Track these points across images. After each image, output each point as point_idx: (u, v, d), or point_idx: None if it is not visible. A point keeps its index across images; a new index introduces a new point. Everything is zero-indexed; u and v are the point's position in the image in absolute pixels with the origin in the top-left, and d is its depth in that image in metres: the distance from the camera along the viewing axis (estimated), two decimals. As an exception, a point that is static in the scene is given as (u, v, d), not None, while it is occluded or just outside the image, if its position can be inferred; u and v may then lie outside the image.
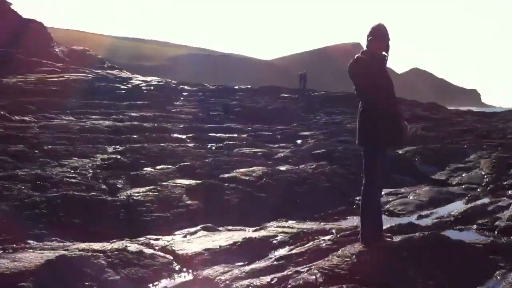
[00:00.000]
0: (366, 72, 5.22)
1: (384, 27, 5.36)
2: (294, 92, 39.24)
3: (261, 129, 17.94)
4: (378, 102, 5.18)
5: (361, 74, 5.27)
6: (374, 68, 5.24)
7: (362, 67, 5.26)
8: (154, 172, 9.24)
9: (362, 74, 5.27)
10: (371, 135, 5.24)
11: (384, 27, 5.36)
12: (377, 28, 5.33)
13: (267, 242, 6.19)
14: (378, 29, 5.33)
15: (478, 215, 8.18)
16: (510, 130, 21.31)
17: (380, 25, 5.36)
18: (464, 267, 5.17)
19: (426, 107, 33.98)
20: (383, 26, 5.36)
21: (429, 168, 12.86)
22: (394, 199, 9.53)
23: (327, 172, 10.72)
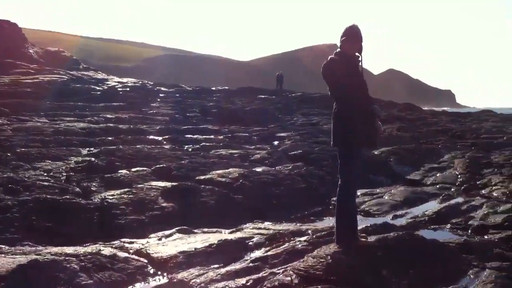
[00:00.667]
0: (339, 72, 5.25)
1: (358, 28, 5.39)
2: (271, 93, 39.30)
3: (237, 130, 17.90)
4: (352, 103, 5.21)
5: (334, 74, 5.30)
6: (347, 69, 5.27)
7: (335, 68, 5.29)
8: (129, 175, 9.15)
9: (335, 75, 5.29)
10: (345, 136, 5.27)
11: (358, 28, 5.39)
12: (350, 29, 5.36)
13: (243, 243, 6.18)
14: (352, 30, 5.36)
15: (452, 214, 8.29)
16: (484, 130, 21.64)
17: (354, 26, 5.38)
18: (438, 266, 5.21)
19: (402, 108, 34.32)
20: (357, 27, 5.38)
21: (404, 168, 12.99)
22: (370, 200, 9.59)
23: (303, 173, 10.74)
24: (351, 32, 5.35)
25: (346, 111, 5.25)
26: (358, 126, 5.18)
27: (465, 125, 24.61)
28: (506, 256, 6.03)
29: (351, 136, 5.22)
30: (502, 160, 13.00)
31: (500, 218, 7.64)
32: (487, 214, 8.07)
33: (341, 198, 5.43)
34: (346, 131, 5.25)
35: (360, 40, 5.38)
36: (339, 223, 5.40)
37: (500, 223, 7.47)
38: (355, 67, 5.36)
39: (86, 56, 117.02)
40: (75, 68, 38.34)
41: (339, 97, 5.33)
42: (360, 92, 5.30)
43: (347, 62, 5.29)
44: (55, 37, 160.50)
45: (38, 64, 34.72)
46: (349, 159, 5.35)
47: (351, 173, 5.37)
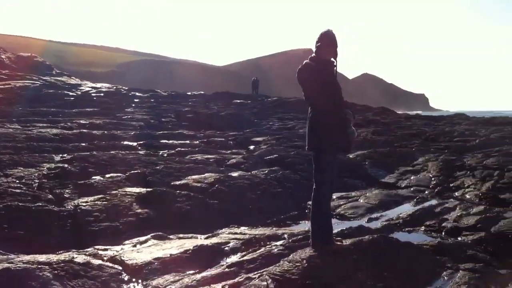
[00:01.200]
0: (314, 77, 5.26)
1: (333, 34, 5.41)
2: (247, 98, 39.37)
3: (213, 135, 17.86)
4: (326, 107, 5.23)
5: (309, 79, 5.31)
6: (322, 73, 5.29)
7: (310, 72, 5.30)
8: (103, 181, 9.04)
9: (310, 80, 5.31)
10: (320, 140, 5.28)
11: (333, 33, 5.42)
12: (325, 35, 5.38)
13: (219, 249, 6.15)
14: (327, 36, 5.39)
15: (426, 216, 8.39)
16: (457, 133, 21.96)
17: (329, 31, 5.41)
18: (412, 268, 5.25)
19: (377, 112, 34.67)
20: (332, 33, 5.41)
21: (379, 172, 13.09)
22: (345, 203, 9.64)
23: (279, 178, 10.75)
24: (326, 37, 5.38)
25: (320, 116, 5.27)
26: (332, 132, 5.21)
27: (438, 129, 24.93)
28: (479, 257, 6.12)
29: (325, 141, 5.25)
30: (475, 163, 13.19)
31: (473, 220, 7.75)
32: (460, 216, 8.18)
33: (316, 202, 5.44)
34: (320, 136, 5.27)
35: (335, 45, 5.40)
36: (314, 227, 5.41)
37: (473, 224, 7.58)
38: (330, 72, 5.39)
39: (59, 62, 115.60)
40: (48, 73, 37.83)
41: (314, 101, 5.35)
42: (335, 97, 5.33)
43: (322, 67, 5.32)
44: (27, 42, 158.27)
45: (10, 70, 34.15)
46: (323, 163, 5.37)
47: (325, 177, 5.39)
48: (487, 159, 13.40)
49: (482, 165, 12.82)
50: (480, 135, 21.62)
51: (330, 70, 5.40)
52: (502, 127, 29.20)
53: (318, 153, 5.40)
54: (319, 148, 5.36)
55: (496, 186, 10.81)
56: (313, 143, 5.38)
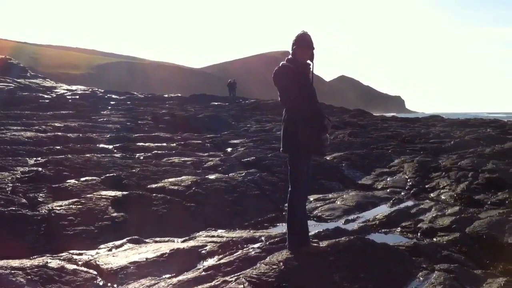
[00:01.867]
0: (291, 79, 5.26)
1: (309, 36, 5.42)
2: (224, 100, 39.36)
3: (190, 137, 17.76)
4: (301, 110, 5.23)
5: (285, 81, 5.31)
6: (299, 76, 5.30)
7: (286, 74, 5.30)
8: (78, 184, 8.90)
9: (286, 82, 5.30)
10: (294, 142, 5.28)
11: (309, 35, 5.43)
12: (302, 37, 5.39)
13: (196, 252, 6.11)
14: (303, 38, 5.39)
15: (402, 218, 8.47)
16: (432, 135, 22.23)
17: (305, 33, 5.42)
18: (388, 269, 5.28)
19: (353, 114, 34.96)
20: (308, 35, 5.42)
21: (356, 173, 13.18)
22: (322, 205, 9.67)
23: (256, 180, 10.74)
24: (303, 39, 5.39)
25: (295, 118, 5.27)
26: (306, 133, 5.21)
27: (414, 130, 25.19)
28: (454, 258, 6.19)
29: (300, 144, 5.26)
30: (450, 164, 13.35)
31: (448, 221, 7.85)
32: (436, 217, 8.28)
33: (292, 204, 5.44)
34: (295, 138, 5.28)
35: (311, 47, 5.41)
36: (291, 229, 5.41)
37: (448, 225, 7.68)
38: (306, 75, 5.39)
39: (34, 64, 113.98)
40: (22, 76, 37.31)
41: (289, 104, 5.35)
42: (309, 100, 5.33)
43: (299, 69, 5.32)
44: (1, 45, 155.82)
45: (-17, 72, 33.61)
46: (298, 166, 5.37)
47: (300, 179, 5.39)
48: (462, 161, 13.58)
49: (457, 167, 12.99)
50: (455, 136, 21.92)
51: (307, 73, 5.41)
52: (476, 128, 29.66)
53: (293, 156, 5.41)
54: (293, 150, 5.37)
55: (471, 187, 10.96)
56: (288, 145, 5.38)
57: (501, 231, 7.38)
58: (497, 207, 9.36)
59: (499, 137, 22.14)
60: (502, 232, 7.34)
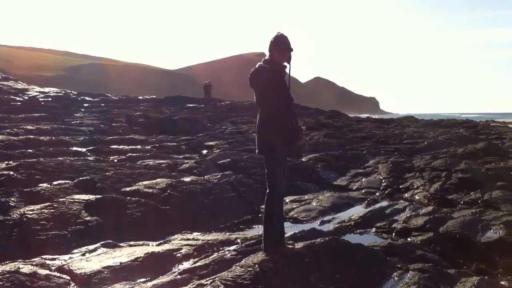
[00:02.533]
0: (267, 81, 5.25)
1: (287, 38, 5.42)
2: (199, 102, 39.21)
3: (165, 140, 17.66)
4: (276, 111, 5.22)
5: (261, 83, 5.29)
6: (276, 77, 5.29)
7: (263, 76, 5.28)
8: (51, 188, 8.75)
9: (262, 83, 5.29)
10: (269, 144, 5.27)
11: (287, 38, 5.42)
12: (280, 40, 5.39)
13: (171, 255, 6.06)
14: (282, 41, 5.39)
15: (377, 218, 8.54)
16: (406, 136, 22.49)
17: (284, 36, 5.41)
18: (363, 270, 5.30)
19: (329, 115, 35.24)
20: (286, 38, 5.42)
21: (331, 175, 13.25)
22: (298, 206, 9.69)
23: (232, 182, 10.70)
24: (282, 42, 5.39)
25: (270, 119, 5.26)
26: (281, 135, 5.21)
27: (388, 131, 25.47)
28: (428, 257, 6.25)
29: (275, 144, 5.26)
30: (423, 165, 13.52)
31: (422, 221, 7.92)
32: (410, 217, 8.36)
33: (268, 205, 5.43)
34: (270, 139, 5.28)
35: (290, 50, 5.41)
36: (267, 230, 5.40)
37: (422, 225, 7.75)
38: (282, 76, 5.39)
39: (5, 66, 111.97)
40: (-7, 78, 36.64)
41: (265, 105, 5.33)
42: (285, 102, 5.32)
43: (277, 71, 5.32)
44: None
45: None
46: (274, 168, 5.36)
47: (276, 181, 5.39)
48: (435, 161, 13.76)
49: (430, 167, 13.16)
50: (428, 137, 22.21)
51: (283, 74, 5.41)
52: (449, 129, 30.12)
53: (269, 158, 5.40)
54: (268, 151, 5.36)
55: (444, 187, 11.12)
56: (262, 146, 5.38)
57: (474, 230, 7.49)
58: (469, 206, 9.50)
59: (471, 137, 22.54)
60: (475, 231, 7.44)
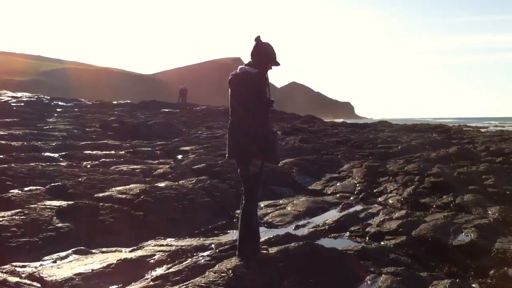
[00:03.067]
0: (253, 85, 5.24)
1: (270, 45, 5.43)
2: (175, 106, 39.08)
3: (140, 145, 17.52)
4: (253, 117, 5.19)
5: (246, 87, 5.24)
6: (258, 83, 5.28)
7: (247, 80, 5.26)
8: (22, 194, 8.59)
9: (247, 87, 5.24)
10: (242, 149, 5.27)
11: (270, 45, 5.43)
12: (271, 52, 5.41)
13: (144, 262, 5.99)
14: (272, 53, 5.41)
15: (351, 222, 8.59)
16: (380, 140, 22.72)
17: (272, 48, 5.41)
18: (337, 274, 5.32)
19: (304, 120, 35.42)
20: (269, 44, 5.42)
21: (306, 179, 13.30)
22: (273, 211, 9.69)
23: (207, 187, 10.66)
24: (272, 54, 5.40)
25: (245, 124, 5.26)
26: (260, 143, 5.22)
27: (363, 136, 25.71)
28: (401, 261, 6.30)
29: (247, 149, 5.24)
30: (397, 169, 13.66)
31: (395, 224, 8.00)
32: (383, 221, 8.43)
33: (243, 210, 5.41)
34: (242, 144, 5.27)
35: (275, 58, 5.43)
36: (241, 235, 5.38)
37: (395, 229, 7.83)
38: (264, 84, 5.38)
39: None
40: (-37, 82, 36.01)
41: (244, 111, 5.26)
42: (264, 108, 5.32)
43: (260, 76, 5.32)
44: None
45: None
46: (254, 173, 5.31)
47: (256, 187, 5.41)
48: (409, 165, 13.91)
49: (403, 171, 13.30)
50: (402, 141, 22.48)
51: (265, 82, 5.39)
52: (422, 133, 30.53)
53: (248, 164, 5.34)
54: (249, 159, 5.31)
55: (417, 191, 11.25)
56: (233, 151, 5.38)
57: (446, 233, 7.59)
58: (442, 210, 9.64)
59: (444, 142, 22.90)
60: (447, 235, 7.55)
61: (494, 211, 9.42)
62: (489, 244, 7.26)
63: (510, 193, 11.08)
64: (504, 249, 7.04)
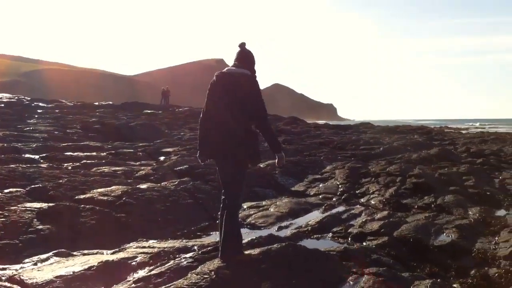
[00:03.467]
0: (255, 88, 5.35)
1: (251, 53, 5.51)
2: (157, 108, 38.91)
3: (122, 146, 17.40)
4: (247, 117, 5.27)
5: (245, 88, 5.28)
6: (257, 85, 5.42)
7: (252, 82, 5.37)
8: (1, 196, 8.45)
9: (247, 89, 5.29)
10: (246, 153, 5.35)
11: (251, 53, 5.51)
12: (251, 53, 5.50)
13: (126, 264, 5.94)
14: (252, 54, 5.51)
15: (333, 223, 8.63)
16: (362, 142, 22.86)
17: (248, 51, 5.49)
18: (319, 275, 5.33)
19: (287, 121, 35.49)
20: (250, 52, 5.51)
21: (289, 180, 13.32)
22: (256, 212, 9.69)
23: (189, 188, 10.61)
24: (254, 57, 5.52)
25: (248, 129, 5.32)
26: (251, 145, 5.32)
27: (345, 137, 25.86)
28: (382, 261, 6.34)
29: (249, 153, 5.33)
30: (379, 170, 13.76)
31: (377, 225, 8.05)
32: (365, 221, 8.48)
33: (230, 214, 5.39)
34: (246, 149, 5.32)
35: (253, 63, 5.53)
36: (224, 237, 5.37)
37: (377, 229, 7.88)
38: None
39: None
40: None
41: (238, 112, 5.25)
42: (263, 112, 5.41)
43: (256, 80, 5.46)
44: None
45: None
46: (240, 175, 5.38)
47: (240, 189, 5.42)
48: (390, 166, 14.02)
49: (385, 172, 13.41)
50: (384, 143, 22.66)
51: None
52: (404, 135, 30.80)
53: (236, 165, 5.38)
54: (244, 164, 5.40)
55: (399, 192, 11.34)
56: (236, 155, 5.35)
57: (427, 234, 7.66)
58: (423, 210, 9.73)
59: (425, 143, 23.15)
60: (428, 235, 7.62)
61: (474, 212, 9.55)
62: (470, 244, 7.35)
63: (490, 193, 11.24)
64: (485, 249, 7.13)
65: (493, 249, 7.14)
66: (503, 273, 6.06)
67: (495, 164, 16.26)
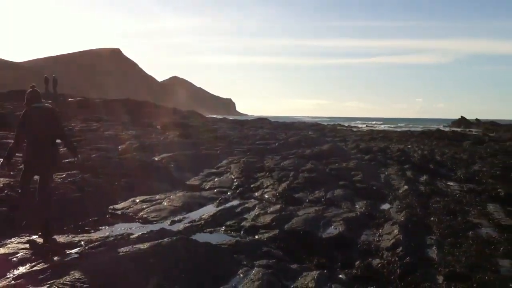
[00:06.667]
0: (57, 117, 6.97)
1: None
2: (46, 97, 37.01)
3: (5, 136, 16.38)
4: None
5: (55, 119, 6.84)
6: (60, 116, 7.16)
7: (56, 114, 6.95)
8: None
9: (56, 119, 6.86)
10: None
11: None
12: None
13: (6, 260, 5.61)
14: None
15: (227, 217, 8.66)
16: (259, 137, 23.22)
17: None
18: (210, 268, 5.32)
19: (185, 115, 35.25)
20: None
21: (184, 174, 13.22)
22: (149, 206, 9.49)
23: (78, 181, 10.17)
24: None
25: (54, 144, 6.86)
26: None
27: (242, 132, 26.13)
28: (273, 254, 6.45)
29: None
30: (273, 165, 14.03)
31: (269, 219, 8.18)
32: (258, 215, 8.59)
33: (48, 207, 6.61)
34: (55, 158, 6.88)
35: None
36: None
37: (268, 223, 8.01)
38: None
39: None
40: None
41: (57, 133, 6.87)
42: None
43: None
44: None
45: None
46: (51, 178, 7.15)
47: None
48: (284, 161, 14.35)
49: (279, 167, 13.68)
50: (280, 138, 23.13)
51: None
52: (299, 131, 31.65)
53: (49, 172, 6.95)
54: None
55: (291, 186, 11.61)
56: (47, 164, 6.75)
57: (316, 226, 7.91)
58: (314, 204, 10.02)
59: (319, 140, 23.92)
60: (317, 228, 7.86)
61: (361, 205, 10.01)
62: (356, 236, 7.67)
63: (376, 188, 11.82)
64: (369, 241, 7.47)
65: (377, 241, 7.50)
66: (385, 263, 6.37)
67: (382, 160, 17.13)
